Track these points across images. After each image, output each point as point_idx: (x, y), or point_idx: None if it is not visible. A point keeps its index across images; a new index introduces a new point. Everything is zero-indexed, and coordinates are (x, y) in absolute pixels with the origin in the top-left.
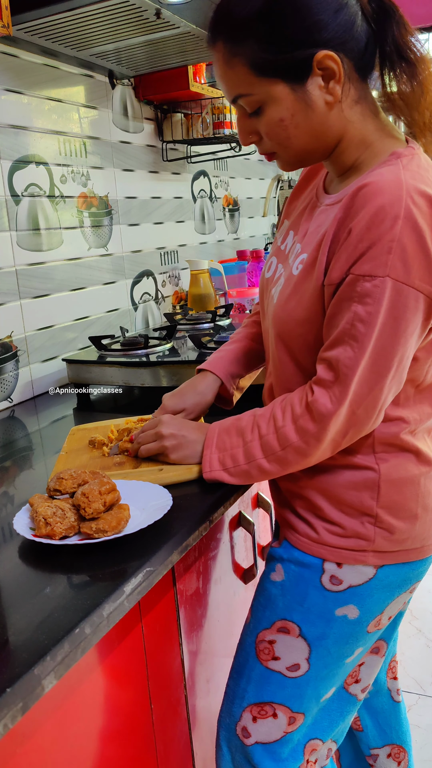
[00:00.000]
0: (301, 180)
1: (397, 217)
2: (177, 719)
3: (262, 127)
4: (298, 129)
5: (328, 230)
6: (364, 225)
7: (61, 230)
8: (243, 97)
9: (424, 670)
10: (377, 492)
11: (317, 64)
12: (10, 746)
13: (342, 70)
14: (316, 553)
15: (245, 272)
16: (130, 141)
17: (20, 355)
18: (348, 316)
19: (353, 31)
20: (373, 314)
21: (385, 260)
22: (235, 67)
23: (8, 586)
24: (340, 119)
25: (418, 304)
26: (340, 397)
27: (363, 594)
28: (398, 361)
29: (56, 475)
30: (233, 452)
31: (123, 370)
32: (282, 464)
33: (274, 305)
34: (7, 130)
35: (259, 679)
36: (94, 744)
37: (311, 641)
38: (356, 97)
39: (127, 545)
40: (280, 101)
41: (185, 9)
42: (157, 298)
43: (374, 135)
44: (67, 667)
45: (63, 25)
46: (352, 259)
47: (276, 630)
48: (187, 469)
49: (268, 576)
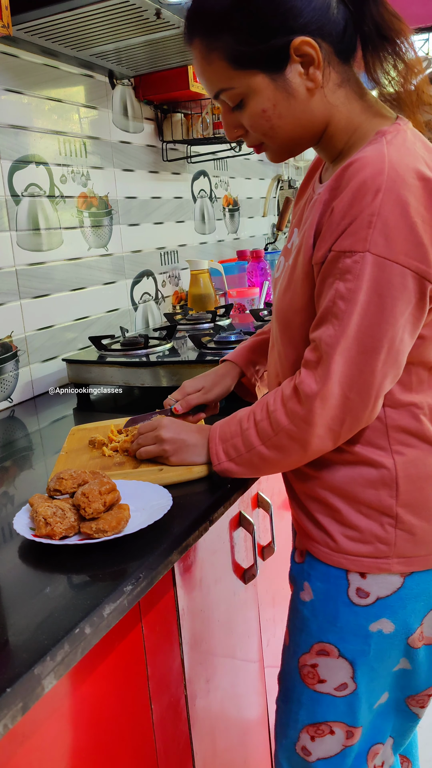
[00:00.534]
0: (303, 180)
1: (378, 191)
2: (177, 719)
3: (245, 119)
4: (281, 119)
5: (313, 216)
6: (347, 201)
7: (61, 230)
8: (224, 91)
9: None
10: (396, 489)
11: (294, 51)
12: (10, 746)
13: (320, 55)
14: (337, 563)
15: (245, 272)
16: (130, 141)
17: (20, 355)
18: (330, 294)
19: (329, 14)
20: (353, 291)
21: (364, 235)
22: (214, 63)
23: (8, 586)
24: (324, 104)
25: (405, 281)
26: (324, 376)
27: (394, 606)
28: (389, 342)
29: (56, 475)
30: (234, 441)
31: (123, 370)
32: (279, 451)
33: (276, 298)
34: (7, 130)
35: (310, 702)
36: (94, 744)
37: (352, 660)
38: (339, 80)
39: (127, 545)
40: (260, 92)
41: (185, 9)
42: (157, 298)
43: (361, 117)
44: (67, 667)
45: (63, 25)
46: (334, 236)
47: (315, 653)
48: (187, 469)
49: (298, 596)
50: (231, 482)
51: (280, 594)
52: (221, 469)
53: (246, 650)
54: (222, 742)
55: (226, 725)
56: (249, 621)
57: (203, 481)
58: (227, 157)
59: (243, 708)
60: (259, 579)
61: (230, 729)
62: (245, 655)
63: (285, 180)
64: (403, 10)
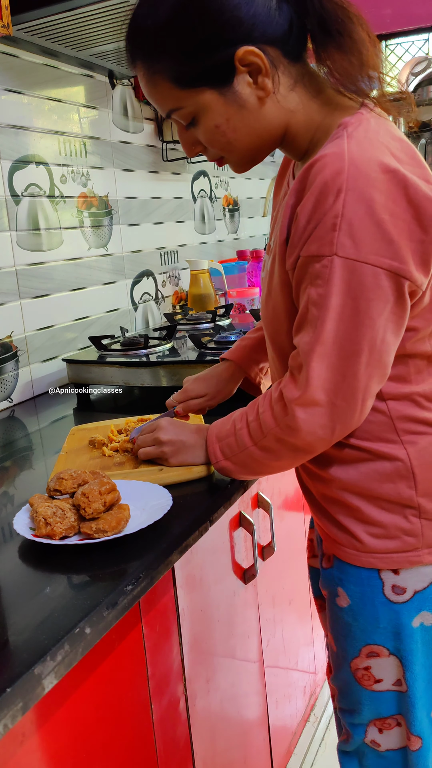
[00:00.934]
0: (277, 178)
1: (340, 191)
2: (177, 719)
3: (201, 136)
4: (236, 132)
5: (283, 221)
6: (309, 205)
7: (61, 230)
8: (175, 111)
9: None
10: (413, 479)
11: (239, 61)
12: (10, 746)
13: (266, 62)
14: (367, 564)
15: (245, 272)
16: (130, 141)
17: (20, 355)
18: (304, 300)
19: (270, 18)
20: (324, 296)
21: (330, 238)
22: (158, 85)
23: (8, 586)
24: (278, 110)
25: (378, 281)
26: (303, 383)
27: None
28: (369, 344)
29: (56, 475)
30: (228, 441)
31: (123, 370)
32: (269, 452)
33: (261, 306)
34: (7, 130)
35: (371, 702)
36: (94, 744)
37: (402, 657)
38: (291, 83)
39: (127, 545)
40: (211, 108)
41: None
42: (157, 298)
43: (320, 113)
44: (67, 667)
45: (63, 25)
46: (302, 242)
47: (366, 656)
48: (187, 470)
49: (334, 602)
50: (231, 482)
51: (280, 594)
52: (220, 468)
53: (246, 650)
54: (222, 742)
55: (226, 725)
56: (249, 621)
57: (203, 481)
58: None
59: (243, 708)
60: (259, 579)
61: (230, 729)
62: (245, 655)
63: None
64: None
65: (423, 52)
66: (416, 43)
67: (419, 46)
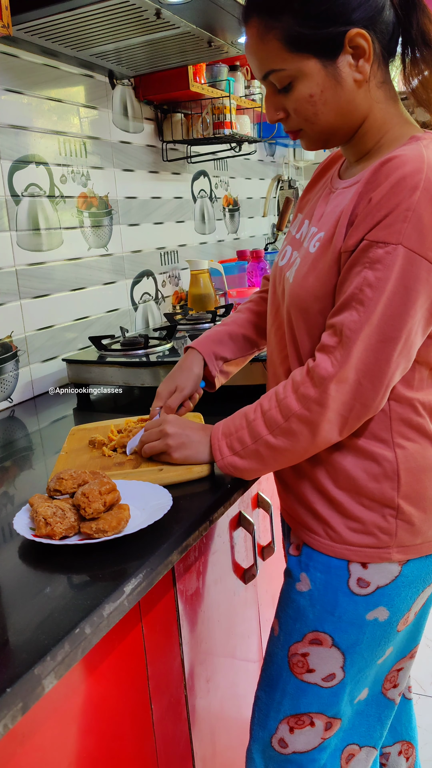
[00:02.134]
0: (315, 175)
1: (416, 188)
2: (177, 719)
3: (290, 103)
4: (326, 105)
5: (346, 207)
6: (384, 194)
7: (61, 230)
8: (275, 72)
9: (424, 670)
10: (397, 482)
11: (349, 41)
12: (10, 746)
13: (372, 49)
14: (340, 555)
15: (245, 272)
16: (130, 141)
17: (20, 355)
18: (357, 281)
19: (383, 14)
20: (382, 280)
21: (399, 228)
22: (269, 43)
23: (8, 586)
24: (367, 98)
25: (430, 276)
26: (342, 360)
27: (391, 594)
28: (407, 333)
29: (56, 475)
30: (239, 434)
31: (123, 370)
32: (288, 437)
33: (291, 285)
34: (7, 130)
35: (295, 692)
36: (94, 744)
37: (345, 650)
38: (382, 78)
39: (127, 545)
40: (311, 77)
41: (185, 9)
42: (157, 298)
43: (395, 119)
44: (67, 667)
45: (63, 25)
46: (368, 226)
47: (308, 642)
48: (187, 469)
49: (293, 587)
50: (231, 482)
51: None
52: (225, 464)
53: (246, 650)
54: (222, 742)
55: (226, 725)
56: (249, 621)
57: (203, 481)
58: (227, 157)
59: (243, 708)
60: (259, 579)
61: (230, 729)
62: (245, 655)
63: (285, 180)
64: None
65: None
66: None
67: None
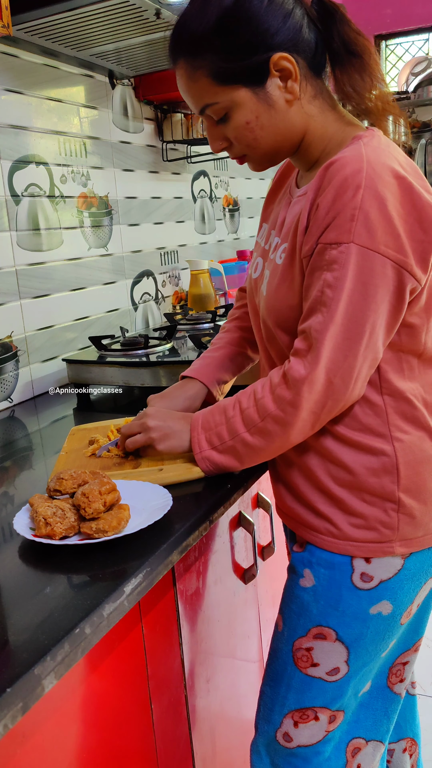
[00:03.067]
0: (273, 185)
1: (359, 187)
2: (177, 719)
3: (230, 132)
4: (263, 129)
5: (301, 215)
6: (330, 197)
7: (61, 230)
8: (209, 106)
9: (424, 670)
10: (397, 475)
11: (274, 66)
12: (10, 746)
13: (297, 68)
14: (343, 551)
15: (245, 272)
16: (130, 141)
17: (20, 355)
18: (318, 285)
19: (302, 33)
20: (339, 279)
21: (349, 227)
22: (199, 80)
23: (8, 586)
24: (302, 115)
25: (385, 270)
26: (312, 362)
27: (394, 587)
28: (371, 328)
29: (56, 475)
30: (218, 430)
31: (123, 370)
32: (264, 436)
33: (265, 298)
34: (7, 130)
35: (300, 686)
36: (94, 744)
37: (349, 644)
38: (313, 92)
39: (127, 545)
40: (244, 105)
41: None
42: (157, 298)
43: (335, 125)
44: (67, 667)
45: (63, 25)
46: (320, 230)
47: (312, 637)
48: (187, 469)
49: (297, 583)
50: (231, 482)
51: (279, 594)
52: (202, 457)
53: (246, 650)
54: (222, 742)
55: (226, 725)
56: (249, 621)
57: (203, 481)
58: (227, 157)
59: (243, 708)
60: (259, 579)
61: (230, 729)
62: (245, 655)
63: None
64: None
65: (423, 52)
66: (416, 43)
67: (419, 46)
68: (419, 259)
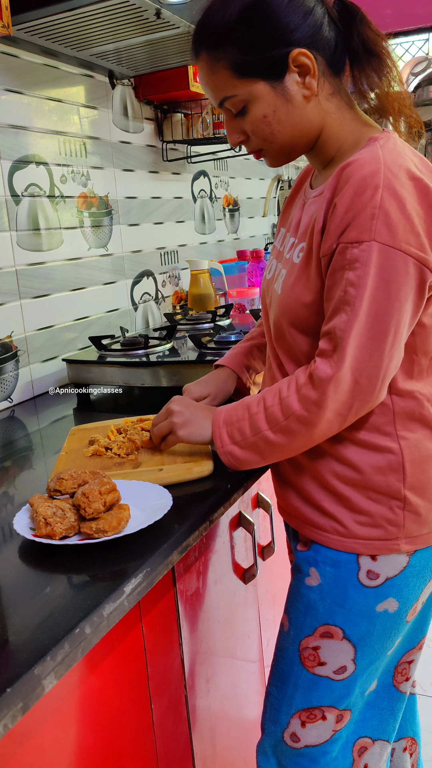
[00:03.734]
0: (291, 191)
1: (377, 187)
2: (177, 719)
3: (247, 125)
4: (280, 124)
5: (318, 215)
6: (348, 197)
7: (61, 230)
8: (228, 99)
9: (424, 670)
10: (403, 473)
11: (293, 61)
12: (10, 746)
13: (315, 65)
14: (350, 549)
15: (245, 272)
16: (130, 141)
17: (20, 355)
18: (341, 284)
19: (322, 31)
20: (362, 277)
21: (369, 226)
22: (219, 72)
23: (8, 586)
24: (319, 111)
25: (408, 267)
26: (338, 361)
27: (400, 585)
28: (395, 326)
29: (56, 475)
30: (240, 425)
31: (123, 370)
32: (287, 435)
33: (279, 296)
34: (7, 130)
35: (307, 685)
36: (94, 744)
37: (356, 642)
38: (331, 90)
39: (127, 545)
40: (262, 99)
41: (185, 9)
42: (157, 298)
43: (351, 124)
44: (67, 667)
45: (63, 25)
46: (340, 230)
47: (319, 636)
48: (187, 469)
49: (302, 582)
50: (231, 482)
51: (280, 594)
52: (225, 452)
53: (246, 650)
54: (222, 742)
55: (226, 725)
56: (249, 621)
57: (203, 481)
58: (227, 157)
59: (243, 708)
60: (259, 579)
61: (230, 729)
62: (245, 655)
63: (285, 180)
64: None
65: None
66: (416, 43)
67: (419, 46)
68: None
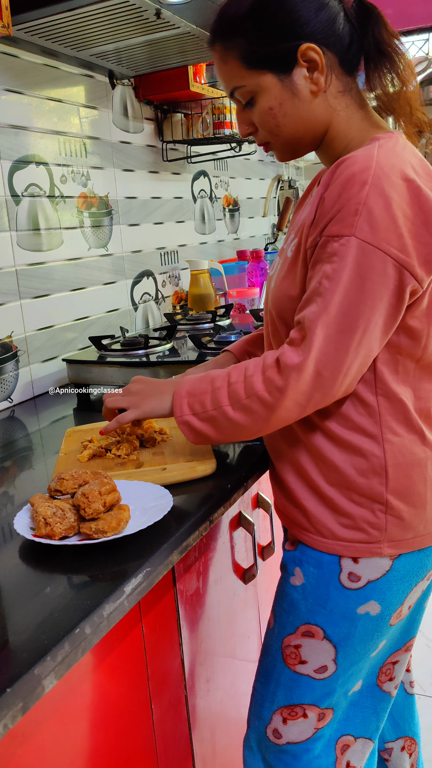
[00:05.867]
0: (304, 192)
1: (365, 183)
2: (177, 719)
3: (255, 117)
4: (286, 117)
5: (311, 208)
6: (336, 192)
7: (61, 230)
8: (238, 89)
9: (424, 670)
10: (386, 477)
11: (301, 55)
12: (10, 746)
13: (324, 61)
14: (332, 550)
15: (245, 272)
16: (130, 141)
17: (20, 355)
18: (318, 276)
19: (335, 27)
20: (337, 270)
21: (351, 221)
22: (230, 62)
23: (8, 586)
24: (326, 108)
25: (385, 268)
26: (305, 351)
27: (382, 588)
28: (365, 324)
29: (57, 476)
30: (202, 398)
31: (123, 370)
32: (246, 413)
33: (272, 289)
34: (7, 130)
35: (288, 682)
36: (94, 744)
37: (336, 643)
38: (341, 88)
39: (127, 545)
40: (269, 91)
41: (185, 9)
42: (157, 298)
43: (360, 124)
44: (67, 667)
45: (63, 25)
46: (324, 223)
47: (301, 635)
48: (190, 469)
49: (287, 581)
50: (231, 482)
51: None
52: (182, 421)
53: (246, 650)
54: (222, 742)
55: (226, 725)
56: (249, 621)
57: (203, 481)
58: (227, 158)
59: (243, 708)
60: (259, 579)
61: (230, 729)
62: (245, 655)
63: (285, 180)
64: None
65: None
66: (416, 43)
67: (419, 46)
68: (423, 261)
